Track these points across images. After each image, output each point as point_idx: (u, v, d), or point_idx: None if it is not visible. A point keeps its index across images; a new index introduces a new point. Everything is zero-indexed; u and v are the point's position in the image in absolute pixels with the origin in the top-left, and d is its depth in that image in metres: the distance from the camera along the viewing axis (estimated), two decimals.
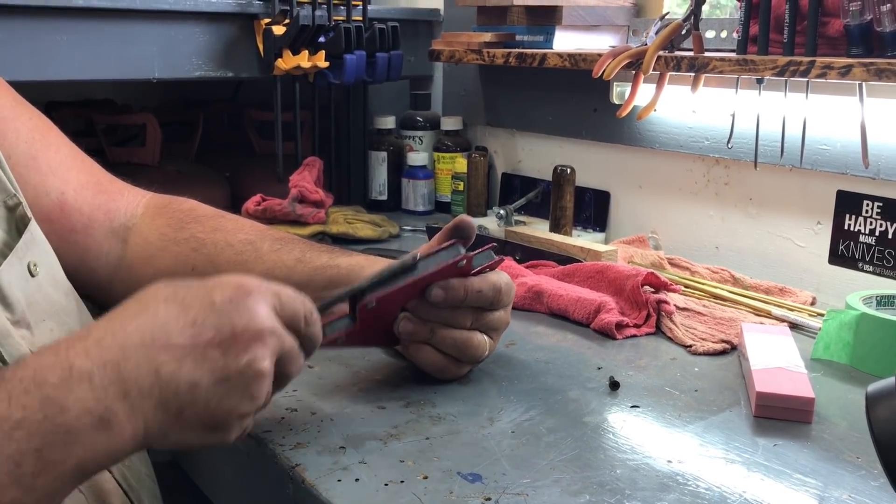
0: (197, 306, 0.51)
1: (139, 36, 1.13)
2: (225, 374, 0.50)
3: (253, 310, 0.52)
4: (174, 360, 0.49)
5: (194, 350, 0.49)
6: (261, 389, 0.52)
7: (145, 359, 0.48)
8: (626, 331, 0.87)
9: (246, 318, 0.51)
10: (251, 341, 0.51)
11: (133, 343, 0.48)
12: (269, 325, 0.52)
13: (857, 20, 0.85)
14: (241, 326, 0.51)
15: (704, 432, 0.66)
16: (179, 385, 0.49)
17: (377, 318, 0.68)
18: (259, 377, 0.51)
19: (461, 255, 0.68)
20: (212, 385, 0.50)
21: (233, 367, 0.50)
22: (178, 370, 0.49)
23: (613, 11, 1.26)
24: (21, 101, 0.77)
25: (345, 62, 1.27)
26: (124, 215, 0.81)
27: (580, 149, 1.31)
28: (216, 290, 0.52)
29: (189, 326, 0.50)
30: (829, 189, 1.00)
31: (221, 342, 0.50)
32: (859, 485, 0.58)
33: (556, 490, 0.56)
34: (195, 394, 0.49)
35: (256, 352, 0.51)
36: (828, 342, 0.81)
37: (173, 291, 0.52)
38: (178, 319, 0.50)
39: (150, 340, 0.49)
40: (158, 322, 0.50)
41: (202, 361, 0.49)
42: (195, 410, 0.50)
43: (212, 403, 0.50)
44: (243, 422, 0.53)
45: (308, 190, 1.21)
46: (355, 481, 0.57)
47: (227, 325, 0.50)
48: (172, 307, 0.50)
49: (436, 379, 0.73)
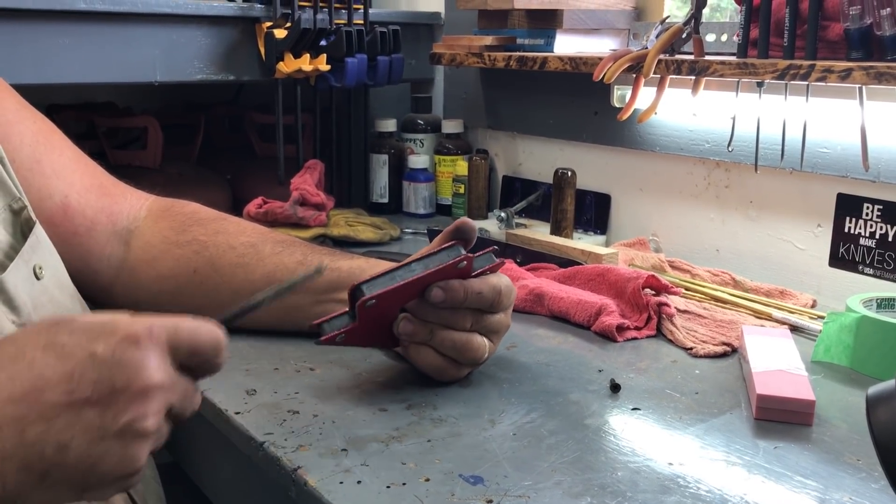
0: (76, 357, 0.45)
1: (141, 39, 1.13)
2: (100, 436, 0.45)
3: (138, 364, 0.46)
4: (43, 419, 0.44)
5: (68, 408, 0.45)
6: (141, 450, 0.47)
7: (11, 417, 0.44)
8: (627, 333, 0.87)
9: (129, 373, 0.46)
10: (132, 401, 0.46)
11: (1, 399, 0.44)
12: (156, 381, 0.47)
13: (857, 24, 0.86)
14: (122, 383, 0.45)
15: (705, 435, 0.66)
16: (46, 447, 0.44)
17: (377, 317, 0.68)
18: (139, 438, 0.46)
19: (461, 256, 0.68)
20: (85, 447, 0.45)
21: (110, 429, 0.45)
22: (47, 432, 0.44)
23: (614, 15, 1.26)
24: (25, 104, 0.77)
25: (346, 65, 1.27)
26: (127, 218, 0.82)
27: (581, 152, 1.31)
28: (100, 339, 0.46)
29: (65, 381, 0.45)
30: (830, 192, 1.00)
31: (98, 401, 0.45)
32: (860, 487, 0.58)
33: (557, 492, 0.56)
34: (64, 455, 0.45)
35: (138, 412, 0.46)
36: (828, 345, 0.81)
37: (53, 337, 0.46)
38: (53, 372, 0.45)
39: (19, 396, 0.44)
40: (32, 374, 0.45)
41: (75, 421, 0.45)
42: (64, 473, 0.45)
43: (83, 467, 0.45)
44: (122, 482, 0.48)
45: (309, 193, 1.21)
46: (357, 483, 0.57)
47: (106, 382, 0.45)
48: (50, 357, 0.45)
49: (437, 381, 0.73)
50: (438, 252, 0.68)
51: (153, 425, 0.47)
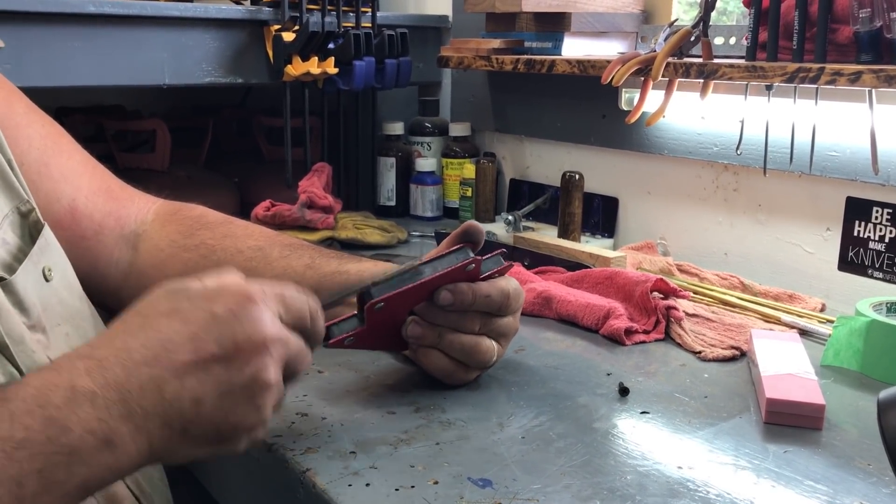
0: (198, 320, 0.50)
1: (149, 42, 1.14)
2: (229, 389, 0.49)
3: (255, 319, 0.51)
4: (177, 377, 0.48)
5: (197, 366, 0.49)
6: (267, 400, 0.51)
7: (148, 378, 0.48)
8: (636, 337, 0.87)
9: (248, 329, 0.50)
10: (254, 353, 0.50)
11: (135, 362, 0.48)
12: (272, 334, 0.51)
13: (867, 27, 0.85)
14: (244, 338, 0.50)
15: (714, 438, 0.66)
16: (183, 403, 0.48)
17: (385, 320, 0.68)
18: (264, 389, 0.51)
19: (470, 259, 0.68)
20: (216, 400, 0.49)
21: (236, 381, 0.50)
22: (182, 388, 0.48)
23: (622, 18, 1.26)
24: (34, 107, 0.77)
25: (354, 68, 1.27)
26: (135, 222, 0.82)
27: (589, 155, 1.31)
28: (217, 301, 0.51)
29: (191, 342, 0.49)
30: (839, 195, 1.00)
31: (224, 356, 0.49)
32: (870, 492, 0.58)
33: (566, 495, 0.56)
34: (199, 410, 0.49)
35: (260, 363, 0.50)
36: (838, 349, 0.81)
37: (174, 304, 0.51)
38: (179, 334, 0.49)
39: (152, 358, 0.48)
40: (160, 338, 0.49)
41: (205, 377, 0.49)
42: (201, 427, 0.49)
43: (217, 419, 0.49)
44: (252, 433, 0.52)
45: (317, 195, 1.21)
46: (366, 486, 0.57)
47: (228, 338, 0.50)
48: (174, 322, 0.50)
49: (445, 384, 0.73)
50: (447, 255, 0.68)
51: (274, 376, 0.51)
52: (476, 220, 1.33)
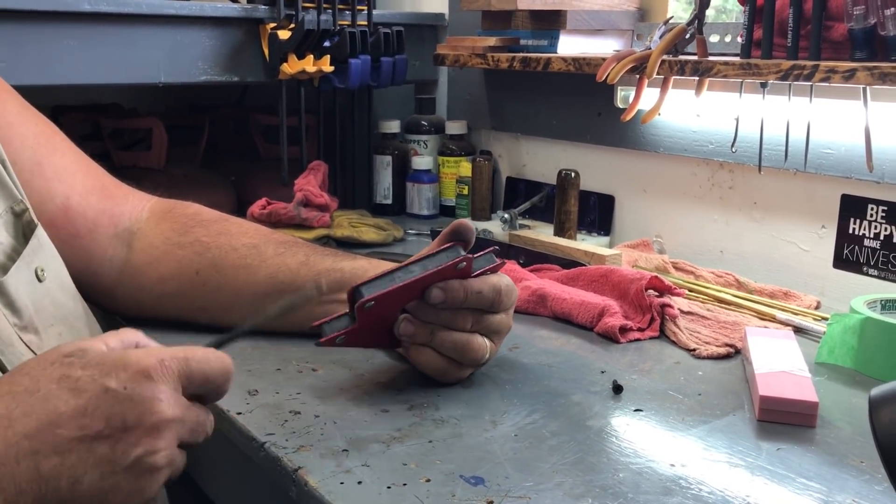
0: (90, 392, 0.47)
1: (146, 40, 1.14)
2: (111, 470, 0.46)
3: (151, 399, 0.47)
4: (57, 454, 0.46)
5: (81, 443, 0.46)
6: (151, 484, 0.48)
7: (27, 452, 0.45)
8: (630, 334, 0.87)
9: (141, 408, 0.47)
10: (144, 435, 0.47)
11: (16, 432, 0.45)
12: (168, 416, 0.48)
13: (861, 24, 0.85)
14: (134, 419, 0.47)
15: (708, 436, 0.66)
16: (60, 481, 0.46)
17: (377, 319, 0.68)
18: (150, 472, 0.48)
19: (461, 257, 0.68)
20: (96, 480, 0.46)
21: (121, 462, 0.46)
22: (61, 465, 0.46)
23: (618, 16, 1.26)
24: (26, 106, 0.77)
25: (350, 67, 1.27)
26: (129, 220, 0.82)
27: (584, 153, 1.31)
28: (112, 375, 0.47)
29: (78, 416, 0.46)
30: (834, 193, 1.00)
31: (111, 435, 0.46)
32: (863, 489, 0.58)
33: (558, 493, 0.56)
34: (77, 489, 0.46)
35: (149, 446, 0.47)
36: (832, 346, 0.81)
37: (67, 371, 0.48)
38: (67, 406, 0.46)
39: (34, 431, 0.46)
40: (47, 408, 0.46)
41: (87, 456, 0.46)
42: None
43: (95, 500, 0.46)
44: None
45: (313, 194, 1.21)
46: (358, 484, 0.57)
47: (118, 417, 0.46)
48: (63, 391, 0.47)
49: (438, 382, 0.73)
50: (437, 253, 0.68)
51: (164, 459, 0.48)
52: (472, 219, 1.34)
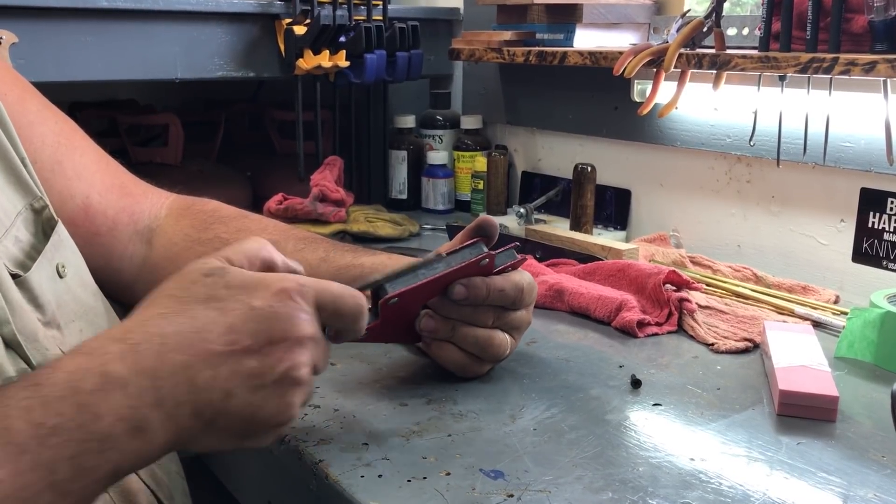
0: (235, 311, 0.49)
1: (162, 36, 1.14)
2: (261, 383, 0.49)
3: (293, 317, 0.50)
4: (210, 367, 0.48)
5: (230, 357, 0.48)
6: (296, 398, 0.51)
7: (181, 366, 0.47)
8: (648, 329, 0.87)
9: (285, 325, 0.49)
10: (288, 350, 0.49)
11: (169, 348, 0.47)
12: (308, 333, 0.51)
13: (882, 16, 0.85)
14: (279, 335, 0.49)
15: (727, 430, 0.65)
16: (214, 394, 0.48)
17: (399, 314, 0.68)
18: (295, 386, 0.50)
19: (484, 253, 0.68)
20: (247, 394, 0.48)
21: (269, 376, 0.49)
22: (214, 379, 0.48)
23: (634, 9, 1.26)
24: (47, 104, 0.77)
25: (365, 62, 1.27)
26: (148, 217, 0.82)
27: (601, 147, 1.30)
28: (256, 294, 0.50)
29: (227, 333, 0.48)
30: (853, 186, 0.99)
31: (258, 350, 0.49)
32: (885, 483, 0.58)
33: (578, 487, 0.56)
34: (229, 402, 0.48)
35: (293, 361, 0.50)
36: (852, 340, 0.80)
37: (212, 290, 0.50)
38: (215, 324, 0.48)
39: (186, 346, 0.48)
40: (196, 326, 0.48)
41: (238, 369, 0.48)
42: (229, 419, 0.49)
43: (246, 412, 0.49)
44: (279, 429, 0.52)
45: (329, 189, 1.21)
46: (378, 477, 0.57)
47: (264, 333, 0.49)
48: (210, 310, 0.49)
49: (457, 376, 0.73)
50: (461, 249, 0.68)
51: (306, 374, 0.51)
52: (488, 213, 1.34)
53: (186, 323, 0.48)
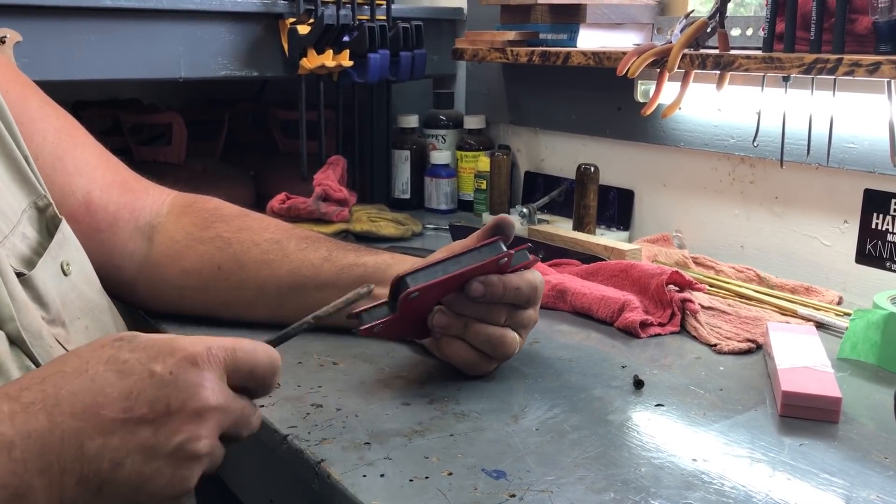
0: (136, 375, 0.47)
1: (165, 36, 1.14)
2: (153, 454, 0.46)
3: (195, 385, 0.47)
4: (101, 435, 0.46)
5: (124, 426, 0.46)
6: (192, 472, 0.48)
7: (72, 431, 0.45)
8: (651, 329, 0.86)
9: (185, 394, 0.47)
10: (186, 421, 0.47)
11: (63, 411, 0.46)
12: (211, 403, 0.48)
13: (886, 17, 0.84)
14: (178, 404, 0.47)
15: (730, 431, 0.65)
16: (102, 463, 0.46)
17: (414, 310, 0.68)
18: (191, 460, 0.48)
19: (503, 252, 0.68)
20: (137, 464, 0.46)
21: (163, 448, 0.46)
22: (104, 446, 0.46)
23: (638, 9, 1.25)
24: (48, 101, 0.78)
25: (369, 61, 1.27)
26: (150, 214, 0.82)
27: (604, 147, 1.30)
28: (159, 360, 0.48)
29: (123, 399, 0.46)
30: (857, 187, 0.99)
31: (154, 419, 0.46)
32: (887, 485, 0.58)
33: (580, 487, 0.56)
34: (117, 473, 0.46)
35: (192, 433, 0.47)
36: (855, 342, 0.80)
37: (117, 352, 0.48)
38: (112, 388, 0.46)
39: (80, 411, 0.46)
40: (93, 389, 0.46)
41: (129, 438, 0.46)
42: (117, 489, 0.46)
43: (135, 483, 0.46)
44: (172, 502, 0.48)
45: (332, 188, 1.21)
46: (380, 476, 0.57)
47: (162, 401, 0.47)
48: (111, 373, 0.47)
49: (460, 376, 0.73)
50: (482, 247, 0.69)
51: (205, 447, 0.48)
52: (490, 213, 1.34)
53: (84, 385, 0.47)
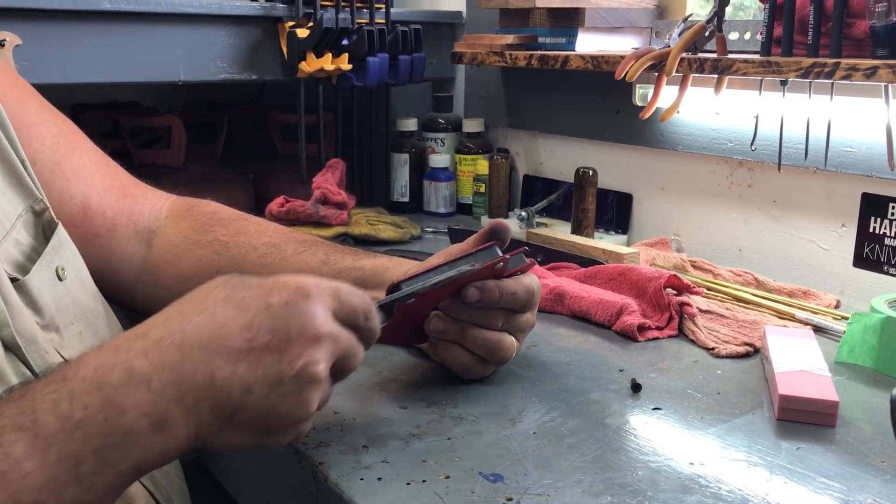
0: (254, 308, 0.50)
1: (165, 39, 1.14)
2: (278, 379, 0.50)
3: (310, 313, 0.51)
4: (229, 363, 0.49)
5: (249, 354, 0.49)
6: (314, 395, 0.51)
7: (202, 362, 0.48)
8: (648, 333, 0.87)
9: (302, 321, 0.51)
10: (306, 346, 0.50)
11: (190, 345, 0.48)
12: (325, 330, 0.52)
13: (883, 21, 0.85)
14: (297, 330, 0.50)
15: (727, 435, 0.65)
16: (233, 389, 0.49)
17: (410, 315, 0.68)
18: (312, 383, 0.51)
19: (499, 258, 0.68)
20: (265, 390, 0.49)
21: (286, 372, 0.50)
22: (233, 374, 0.49)
23: (636, 13, 1.26)
24: (47, 106, 0.78)
25: (368, 65, 1.27)
26: (148, 218, 0.82)
27: (602, 150, 1.31)
28: (274, 292, 0.51)
29: (245, 329, 0.49)
30: (854, 191, 0.99)
31: (276, 346, 0.50)
32: (884, 489, 0.58)
33: (577, 491, 0.56)
34: (248, 398, 0.49)
35: (310, 357, 0.50)
36: (852, 345, 0.80)
37: (232, 291, 0.51)
38: (235, 321, 0.50)
39: (207, 342, 0.49)
40: (216, 323, 0.49)
41: (256, 366, 0.49)
42: (248, 415, 0.49)
43: (264, 408, 0.50)
44: (297, 427, 0.52)
45: (331, 192, 1.22)
46: (378, 480, 0.57)
47: (282, 329, 0.50)
48: (230, 308, 0.50)
49: (458, 379, 0.73)
50: (476, 253, 0.69)
51: (324, 371, 0.51)
52: (489, 217, 1.34)
53: (206, 320, 0.50)
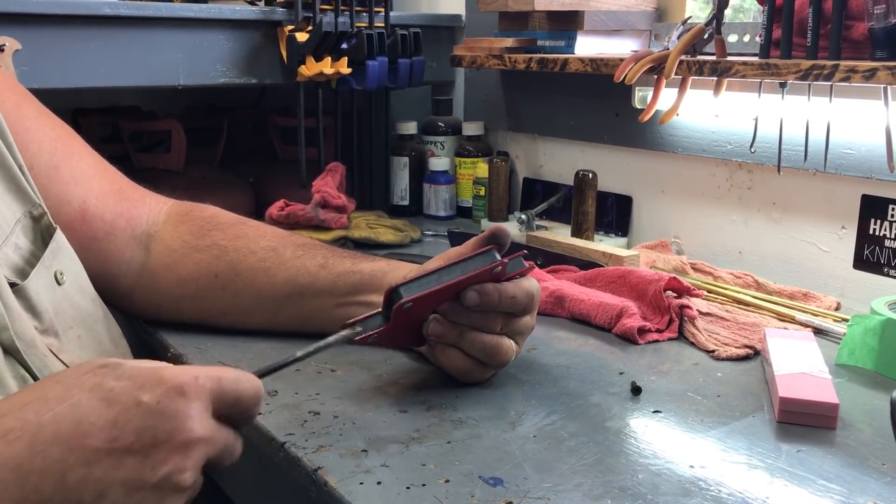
0: (122, 404, 0.46)
1: (164, 43, 1.14)
2: (139, 485, 0.45)
3: (182, 416, 0.46)
4: (84, 464, 0.44)
5: (109, 455, 0.45)
6: (176, 503, 0.47)
7: (54, 459, 0.44)
8: (649, 336, 0.86)
9: (172, 425, 0.46)
10: (173, 452, 0.46)
11: (44, 439, 0.44)
12: (196, 434, 0.47)
13: (882, 23, 0.85)
14: (165, 435, 0.46)
15: (727, 438, 0.65)
16: (85, 493, 0.44)
17: (409, 319, 0.68)
18: (175, 492, 0.46)
19: (497, 261, 0.68)
20: (121, 496, 0.45)
21: (148, 479, 0.45)
22: (87, 476, 0.44)
23: (635, 16, 1.26)
24: (44, 111, 0.78)
25: (367, 68, 1.27)
26: (146, 222, 0.82)
27: (602, 153, 1.31)
28: (146, 388, 0.46)
29: (109, 427, 0.45)
30: (854, 193, 0.99)
31: (140, 449, 0.45)
32: (885, 491, 0.58)
33: (577, 494, 0.56)
34: (100, 503, 0.45)
35: (177, 465, 0.46)
36: (852, 347, 0.80)
37: (102, 379, 0.47)
38: (98, 417, 0.45)
39: (64, 438, 0.44)
40: (76, 417, 0.45)
41: (115, 468, 0.45)
42: None
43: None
44: None
45: (331, 195, 1.22)
46: (377, 484, 0.57)
47: (149, 432, 0.45)
48: (95, 400, 0.46)
49: (457, 383, 0.73)
50: (475, 257, 0.69)
51: (190, 478, 0.47)
52: (489, 220, 1.34)
53: (67, 411, 0.45)
